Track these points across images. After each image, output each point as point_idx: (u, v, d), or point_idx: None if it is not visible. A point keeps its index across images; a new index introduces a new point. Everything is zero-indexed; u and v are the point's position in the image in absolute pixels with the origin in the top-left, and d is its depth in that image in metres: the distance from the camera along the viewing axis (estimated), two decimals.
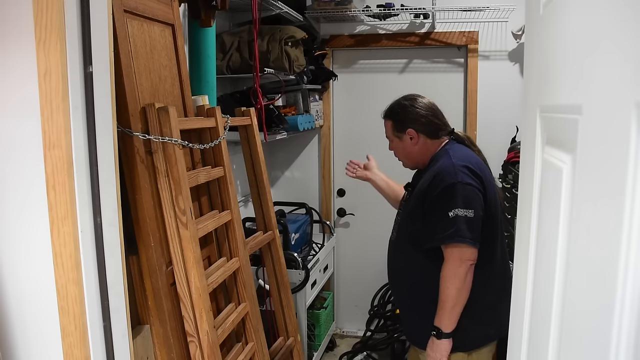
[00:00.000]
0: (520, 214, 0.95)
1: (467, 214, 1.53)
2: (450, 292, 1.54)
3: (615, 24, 0.47)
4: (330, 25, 3.05)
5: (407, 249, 1.72)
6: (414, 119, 1.74)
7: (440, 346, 1.57)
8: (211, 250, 1.72)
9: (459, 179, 1.56)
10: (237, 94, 2.38)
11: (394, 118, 1.79)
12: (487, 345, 1.67)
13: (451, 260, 1.55)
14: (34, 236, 1.06)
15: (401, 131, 1.76)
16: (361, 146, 3.19)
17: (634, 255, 0.42)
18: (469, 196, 1.55)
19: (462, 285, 1.53)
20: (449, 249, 1.55)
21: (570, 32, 0.64)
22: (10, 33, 1.01)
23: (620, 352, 0.43)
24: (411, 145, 1.75)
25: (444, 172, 1.59)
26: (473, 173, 1.58)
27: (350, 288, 3.32)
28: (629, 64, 0.43)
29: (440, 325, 1.56)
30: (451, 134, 1.77)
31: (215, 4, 1.83)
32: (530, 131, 0.88)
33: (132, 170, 1.37)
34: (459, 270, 1.53)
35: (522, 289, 0.87)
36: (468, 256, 1.53)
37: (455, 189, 1.55)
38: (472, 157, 1.67)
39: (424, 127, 1.73)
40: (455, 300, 1.54)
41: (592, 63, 0.54)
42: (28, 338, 1.10)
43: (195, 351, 1.45)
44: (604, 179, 0.49)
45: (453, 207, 1.53)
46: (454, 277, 1.53)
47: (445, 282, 1.55)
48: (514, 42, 2.84)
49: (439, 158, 1.69)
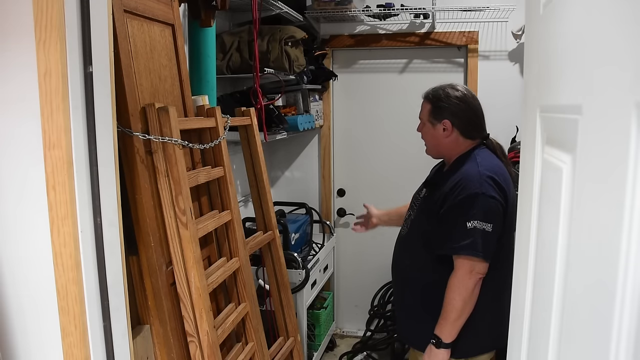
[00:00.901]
0: (520, 214, 0.95)
1: (485, 228, 1.49)
2: (456, 303, 1.50)
3: (615, 24, 0.47)
4: (330, 25, 3.05)
5: (417, 247, 1.69)
6: (454, 112, 1.65)
7: (439, 356, 1.54)
8: (211, 250, 1.72)
9: (483, 190, 1.51)
10: (237, 94, 2.38)
11: (435, 103, 1.69)
12: (483, 355, 1.65)
13: (461, 271, 1.51)
14: (34, 236, 1.06)
15: (437, 119, 1.68)
16: (361, 146, 3.19)
17: (634, 255, 0.42)
18: (491, 209, 1.51)
19: (469, 297, 1.50)
20: (461, 260, 1.51)
21: (570, 32, 0.64)
22: (10, 33, 1.01)
23: (620, 352, 0.43)
24: (442, 136, 1.68)
25: (468, 180, 1.54)
26: (498, 186, 1.53)
27: (350, 288, 3.32)
28: (629, 64, 0.43)
29: (440, 334, 1.53)
30: (485, 139, 1.71)
31: (215, 4, 1.83)
32: (530, 131, 0.88)
33: (132, 170, 1.37)
34: (468, 282, 1.50)
35: (522, 289, 0.87)
36: (479, 269, 1.50)
37: (478, 200, 1.50)
38: (500, 168, 1.61)
39: (460, 123, 1.65)
40: (460, 312, 1.51)
41: (592, 63, 0.54)
42: (28, 338, 1.10)
43: (195, 351, 1.45)
44: (604, 179, 0.49)
45: (472, 218, 1.49)
46: (462, 288, 1.50)
47: (452, 292, 1.51)
48: (514, 42, 2.84)
49: (465, 161, 1.63)
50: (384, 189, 3.14)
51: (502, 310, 1.63)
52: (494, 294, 1.58)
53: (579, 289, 0.56)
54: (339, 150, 3.24)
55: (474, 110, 1.68)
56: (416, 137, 1.83)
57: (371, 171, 3.18)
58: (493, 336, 1.63)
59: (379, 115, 3.13)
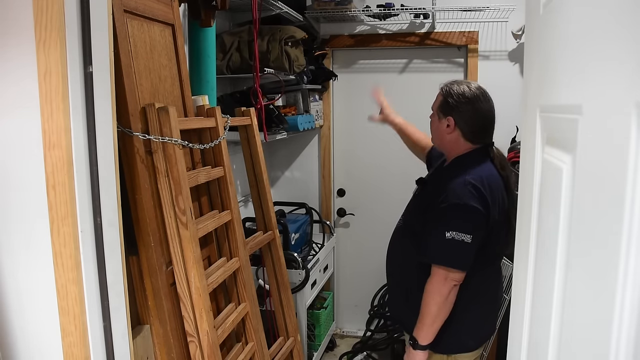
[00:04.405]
0: (520, 214, 0.95)
1: (464, 239, 1.48)
2: (431, 308, 1.53)
3: (615, 24, 0.47)
4: (330, 25, 3.05)
5: (407, 244, 1.71)
6: (461, 112, 1.61)
7: (416, 357, 1.57)
8: (211, 250, 1.72)
9: (465, 201, 1.50)
10: (237, 94, 2.38)
11: (446, 98, 1.65)
12: (465, 353, 1.67)
13: (436, 278, 1.53)
14: (34, 236, 1.06)
15: (443, 113, 1.65)
16: (361, 146, 3.19)
17: (634, 255, 0.42)
18: (472, 220, 1.50)
19: (443, 303, 1.52)
20: (436, 267, 1.53)
21: (570, 32, 0.64)
22: (10, 33, 1.01)
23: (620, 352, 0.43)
24: (445, 132, 1.65)
25: (453, 188, 1.54)
26: (481, 195, 1.51)
27: (350, 288, 3.32)
28: (629, 63, 0.43)
29: (417, 336, 1.56)
30: (487, 147, 1.67)
31: (215, 4, 1.83)
32: (530, 131, 0.88)
33: (132, 170, 1.37)
34: (443, 288, 1.51)
35: (522, 289, 0.87)
36: (453, 277, 1.51)
37: (459, 210, 1.51)
38: (490, 177, 1.58)
39: (464, 125, 1.62)
40: (434, 317, 1.53)
41: (592, 63, 0.54)
42: (28, 338, 1.10)
43: (195, 351, 1.45)
44: (604, 179, 0.49)
45: (452, 228, 1.49)
46: (436, 294, 1.52)
47: (427, 297, 1.54)
48: (514, 42, 2.84)
49: (459, 164, 1.63)
50: (384, 189, 3.14)
51: (482, 312, 1.65)
52: (472, 296, 1.60)
53: (579, 289, 0.56)
54: (339, 150, 3.24)
55: (481, 115, 1.62)
56: None
57: (371, 171, 3.18)
58: (474, 336, 1.66)
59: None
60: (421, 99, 1.74)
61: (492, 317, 1.77)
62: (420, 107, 1.83)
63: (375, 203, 3.18)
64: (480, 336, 1.69)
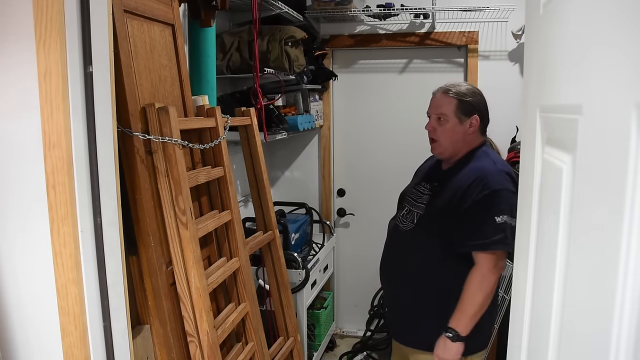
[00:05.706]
0: (520, 214, 0.95)
1: (512, 223, 1.48)
2: (478, 298, 1.51)
3: (615, 24, 0.47)
4: (330, 25, 3.05)
5: (429, 245, 1.66)
6: (482, 109, 1.69)
7: (454, 348, 1.54)
8: (211, 250, 1.72)
9: (506, 186, 1.54)
10: (237, 94, 2.38)
11: (464, 99, 1.66)
12: (479, 352, 1.67)
13: (486, 267, 1.52)
14: (34, 236, 1.06)
15: (466, 114, 1.66)
16: (361, 146, 3.20)
17: (634, 255, 0.42)
18: (515, 205, 1.52)
19: (490, 292, 1.52)
20: (485, 255, 1.52)
21: (570, 32, 0.64)
22: (10, 33, 1.01)
23: (620, 352, 0.43)
24: (465, 131, 1.67)
25: (489, 176, 1.56)
26: (514, 182, 1.55)
27: (350, 288, 3.32)
28: (629, 64, 0.43)
29: (457, 328, 1.53)
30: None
31: (215, 4, 1.83)
32: (530, 131, 0.88)
33: (132, 170, 1.37)
34: (492, 278, 1.51)
35: (522, 289, 0.87)
36: (501, 265, 1.52)
37: (503, 195, 1.53)
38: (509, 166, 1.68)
39: (484, 120, 1.70)
40: (480, 307, 1.52)
41: (592, 63, 0.54)
42: (28, 338, 1.10)
43: (195, 351, 1.45)
44: (604, 179, 0.49)
45: (501, 213, 1.50)
46: (485, 283, 1.51)
47: (473, 287, 1.52)
48: (514, 42, 2.84)
49: (476, 158, 1.66)
50: (384, 189, 3.14)
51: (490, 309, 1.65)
52: None
53: (579, 290, 0.56)
54: (339, 150, 3.24)
55: (487, 106, 1.73)
56: (416, 137, 1.83)
57: (371, 171, 3.18)
58: (487, 334, 1.67)
59: (379, 115, 3.13)
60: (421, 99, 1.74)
61: (495, 313, 1.78)
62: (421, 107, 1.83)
63: (375, 203, 3.18)
64: (490, 333, 1.70)
